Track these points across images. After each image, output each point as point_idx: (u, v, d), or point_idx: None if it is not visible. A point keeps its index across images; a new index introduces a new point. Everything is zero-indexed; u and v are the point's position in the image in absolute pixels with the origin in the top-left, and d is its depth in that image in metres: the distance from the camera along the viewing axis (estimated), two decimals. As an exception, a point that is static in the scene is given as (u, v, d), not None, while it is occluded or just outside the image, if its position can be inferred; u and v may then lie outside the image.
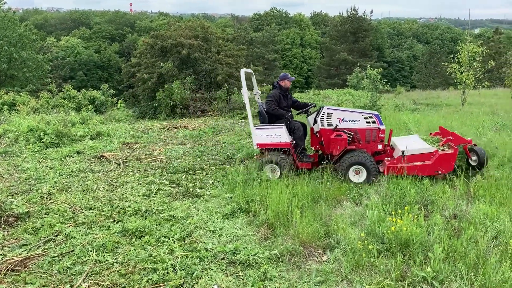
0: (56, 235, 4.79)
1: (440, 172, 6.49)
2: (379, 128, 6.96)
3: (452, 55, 18.75)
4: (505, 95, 23.69)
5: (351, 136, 6.94)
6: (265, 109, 7.36)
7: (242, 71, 7.24)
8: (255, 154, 7.79)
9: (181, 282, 3.79)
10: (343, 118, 6.96)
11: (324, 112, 7.01)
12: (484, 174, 6.66)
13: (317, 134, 7.21)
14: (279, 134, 7.04)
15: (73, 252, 4.36)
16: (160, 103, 16.84)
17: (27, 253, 4.37)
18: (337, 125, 6.95)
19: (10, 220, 5.17)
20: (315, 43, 72.55)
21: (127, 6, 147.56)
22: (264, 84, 18.51)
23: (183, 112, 16.53)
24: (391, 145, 7.38)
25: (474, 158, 6.86)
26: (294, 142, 7.14)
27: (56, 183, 6.82)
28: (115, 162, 8.22)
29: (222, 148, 9.59)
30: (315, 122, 7.25)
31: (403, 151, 6.66)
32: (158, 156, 8.84)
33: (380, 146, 7.07)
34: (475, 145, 7.08)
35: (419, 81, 55.14)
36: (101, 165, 8.10)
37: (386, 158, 7.10)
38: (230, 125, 13.20)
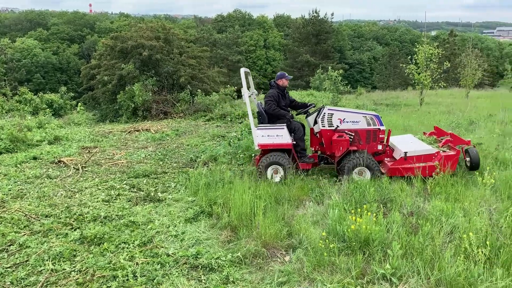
0: (10, 245, 4.60)
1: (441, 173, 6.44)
2: (379, 129, 6.96)
3: (410, 56, 19.31)
4: (460, 94, 24.64)
5: (352, 137, 6.91)
6: (264, 109, 7.27)
7: (242, 70, 7.11)
8: (253, 155, 7.71)
9: (142, 289, 3.72)
10: (344, 118, 6.93)
11: (324, 113, 6.96)
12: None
13: (317, 135, 7.18)
14: (280, 135, 6.93)
15: (27, 262, 4.21)
16: (121, 106, 16.50)
17: (-23, 265, 4.17)
18: (337, 126, 6.92)
19: (-41, 230, 4.92)
20: (278, 45, 73.08)
21: (86, 6, 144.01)
22: (228, 86, 18.44)
23: (145, 115, 16.26)
24: (390, 146, 7.39)
25: (467, 159, 6.96)
26: (295, 142, 7.09)
27: (10, 190, 6.56)
28: (73, 167, 7.98)
29: (185, 150, 9.50)
30: (315, 122, 7.20)
31: (405, 152, 6.70)
32: (118, 160, 8.65)
33: (380, 147, 7.07)
34: (474, 146, 7.19)
35: (380, 82, 56.53)
36: (59, 170, 7.85)
37: (385, 159, 7.16)
38: (194, 127, 13.10)
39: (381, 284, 3.73)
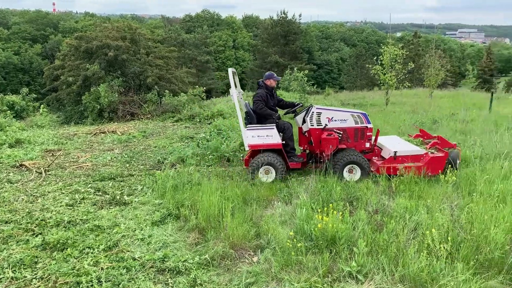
0: (-34, 254, 4.40)
1: (429, 174, 6.62)
2: (367, 127, 7.08)
3: (376, 57, 19.73)
4: (424, 94, 25.36)
5: (340, 135, 6.99)
6: (252, 109, 7.23)
7: (230, 70, 7.05)
8: (241, 156, 7.64)
9: (106, 295, 3.63)
10: (332, 117, 7.01)
11: (313, 112, 7.01)
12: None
13: (306, 134, 7.22)
14: (270, 135, 6.93)
15: (-15, 271, 4.02)
16: (86, 107, 16.10)
17: None
18: (326, 125, 7.00)
19: None
20: (247, 46, 73.26)
21: (49, 5, 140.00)
22: (197, 86, 18.28)
23: (111, 116, 15.91)
24: (378, 145, 7.50)
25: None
26: (284, 142, 7.09)
27: (-34, 196, 6.27)
28: (36, 171, 7.71)
29: (152, 152, 9.36)
30: (303, 122, 7.24)
31: (395, 152, 6.82)
32: (83, 163, 8.43)
33: (367, 145, 7.19)
34: (459, 149, 7.41)
35: (347, 82, 57.52)
36: (20, 174, 7.57)
37: (373, 158, 7.27)
38: (162, 129, 12.93)
39: (347, 281, 3.78)
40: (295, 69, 13.82)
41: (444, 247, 3.96)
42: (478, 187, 5.78)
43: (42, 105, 17.95)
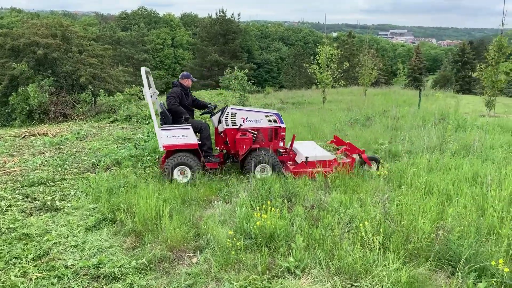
0: None
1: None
2: (280, 126, 7.25)
3: (313, 56, 20.22)
4: (359, 92, 26.35)
5: (255, 135, 7.07)
6: (167, 108, 7.06)
7: (142, 69, 6.82)
8: (157, 157, 7.40)
9: (35, 307, 3.43)
10: (247, 117, 7.09)
11: (228, 112, 7.04)
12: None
13: (222, 134, 7.21)
14: (186, 135, 6.82)
15: None
16: (14, 109, 15.14)
17: None
18: (241, 125, 7.05)
19: None
20: (186, 44, 72.26)
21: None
22: (134, 85, 17.78)
23: (42, 118, 15.06)
24: (293, 150, 7.67)
25: (373, 165, 7.33)
26: (201, 142, 7.01)
27: None
28: (-45, 178, 7.13)
29: (86, 155, 8.97)
30: (219, 122, 7.23)
31: (306, 157, 6.98)
32: (11, 168, 7.91)
33: (281, 144, 7.34)
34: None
35: (286, 81, 58.56)
36: None
37: (288, 162, 7.41)
38: (97, 130, 12.43)
39: (286, 277, 3.84)
40: (235, 68, 13.84)
41: (376, 239, 4.13)
42: (407, 180, 6.10)
43: (-37, 107, 16.66)
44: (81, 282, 3.83)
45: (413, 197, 5.32)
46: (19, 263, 4.14)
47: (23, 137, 11.42)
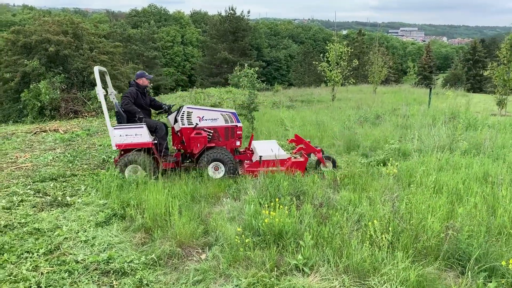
0: None
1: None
2: (236, 125, 7.30)
3: (322, 54, 20.14)
4: (368, 90, 26.24)
5: (211, 134, 7.13)
6: (122, 108, 7.08)
7: (96, 69, 6.86)
8: (113, 157, 7.46)
9: (46, 300, 3.48)
10: (203, 116, 7.14)
11: (184, 111, 7.08)
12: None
13: (178, 133, 7.23)
14: (139, 134, 6.84)
15: None
16: (25, 105, 15.28)
17: None
18: (197, 124, 7.09)
19: None
20: (196, 42, 72.40)
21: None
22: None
23: (53, 114, 15.20)
24: (251, 149, 7.72)
25: (328, 164, 7.42)
26: (156, 141, 7.03)
27: None
28: (-32, 173, 7.24)
29: (97, 151, 9.05)
30: (175, 121, 7.23)
31: (260, 156, 7.03)
32: (22, 163, 8.01)
33: (238, 143, 7.39)
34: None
35: (295, 79, 58.42)
36: (-50, 177, 7.07)
37: (245, 161, 7.45)
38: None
39: (294, 274, 3.85)
40: (245, 65, 13.82)
41: (385, 237, 4.12)
42: (417, 179, 6.07)
43: (-25, 104, 16.87)
44: (91, 277, 3.87)
45: (422, 195, 5.29)
46: (31, 257, 4.20)
47: (35, 133, 11.54)
